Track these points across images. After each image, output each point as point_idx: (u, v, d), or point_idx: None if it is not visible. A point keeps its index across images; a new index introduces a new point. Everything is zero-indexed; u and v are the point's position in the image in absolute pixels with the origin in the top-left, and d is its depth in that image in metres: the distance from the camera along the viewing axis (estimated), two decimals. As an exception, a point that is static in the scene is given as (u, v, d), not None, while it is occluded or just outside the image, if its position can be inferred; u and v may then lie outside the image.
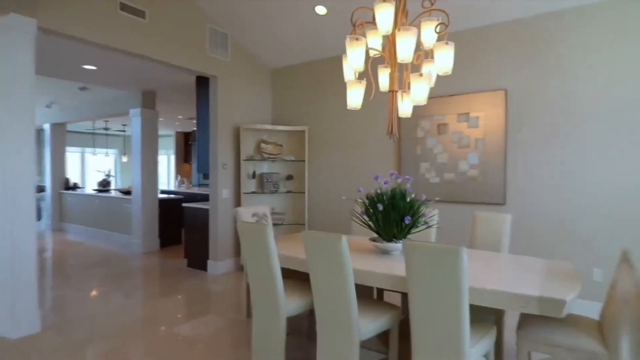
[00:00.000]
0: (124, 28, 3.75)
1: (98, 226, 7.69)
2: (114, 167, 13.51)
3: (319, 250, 2.13)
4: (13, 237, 3.02)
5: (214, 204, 4.89)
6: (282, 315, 2.49)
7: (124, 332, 3.16)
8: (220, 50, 4.79)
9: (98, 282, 4.61)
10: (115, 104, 6.98)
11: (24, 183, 3.08)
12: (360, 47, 2.52)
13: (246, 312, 3.46)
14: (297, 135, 5.31)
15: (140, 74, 5.22)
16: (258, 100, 5.41)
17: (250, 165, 5.21)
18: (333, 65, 4.96)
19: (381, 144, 4.57)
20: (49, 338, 3.04)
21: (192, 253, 5.27)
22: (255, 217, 3.59)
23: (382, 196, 2.64)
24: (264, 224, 2.41)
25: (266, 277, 2.48)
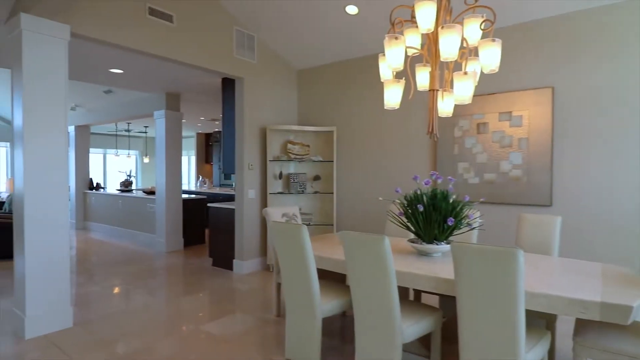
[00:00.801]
0: (152, 32, 3.78)
1: (122, 225, 7.80)
2: (135, 167, 13.72)
3: (360, 251, 2.09)
4: (47, 237, 3.07)
5: (240, 204, 4.89)
6: (318, 316, 2.46)
7: (153, 329, 3.18)
8: (247, 52, 4.80)
9: (124, 279, 4.66)
10: (139, 106, 7.07)
11: (57, 184, 3.13)
12: (400, 46, 2.48)
13: (276, 312, 3.44)
14: (325, 135, 5.28)
15: (165, 76, 5.27)
16: (284, 101, 5.41)
17: (276, 165, 5.21)
18: (362, 65, 4.92)
19: (414, 143, 4.50)
20: (81, 334, 3.07)
21: (218, 252, 5.29)
22: (285, 217, 3.58)
23: (422, 197, 2.59)
24: (299, 224, 2.39)
25: (301, 278, 2.46)
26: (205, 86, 5.88)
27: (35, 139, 2.99)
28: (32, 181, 2.98)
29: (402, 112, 4.56)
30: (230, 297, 4.02)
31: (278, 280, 3.39)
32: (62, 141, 3.13)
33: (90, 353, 2.77)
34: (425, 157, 4.40)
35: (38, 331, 3.02)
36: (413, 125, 4.49)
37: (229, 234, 5.10)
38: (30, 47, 2.93)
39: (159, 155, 6.45)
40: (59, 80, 3.10)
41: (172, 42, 3.96)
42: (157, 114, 6.45)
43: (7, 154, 10.59)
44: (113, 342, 2.95)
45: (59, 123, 3.11)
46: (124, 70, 4.93)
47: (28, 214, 2.96)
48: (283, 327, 3.22)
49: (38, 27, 2.94)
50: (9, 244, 5.68)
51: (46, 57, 3.02)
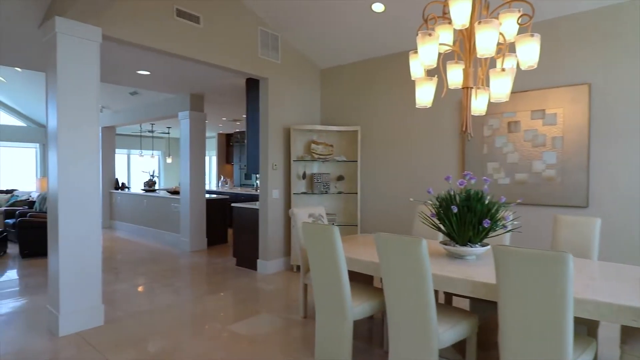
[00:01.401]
0: (180, 33, 3.81)
1: (146, 224, 7.94)
2: (157, 167, 13.97)
3: (395, 253, 2.04)
4: (80, 235, 3.13)
5: (264, 204, 4.90)
6: (349, 318, 2.42)
7: (182, 328, 3.20)
8: (271, 52, 4.80)
9: (150, 278, 4.73)
10: (163, 107, 7.18)
11: (90, 185, 3.19)
12: (433, 43, 2.41)
13: (303, 313, 3.42)
14: (348, 135, 5.24)
15: (190, 77, 5.32)
16: (307, 100, 5.39)
17: (300, 165, 5.19)
18: (387, 64, 4.86)
19: (441, 143, 4.40)
20: (112, 332, 3.12)
21: (241, 252, 5.31)
22: (312, 218, 3.55)
23: (454, 198, 2.52)
24: (331, 225, 2.35)
25: (332, 279, 2.42)
26: (229, 87, 5.92)
27: (69, 140, 3.05)
28: (66, 181, 3.05)
29: (429, 111, 4.47)
30: (255, 297, 4.02)
31: (305, 281, 3.36)
32: (94, 142, 3.19)
33: (122, 351, 2.80)
34: (452, 156, 4.30)
35: (71, 329, 3.09)
36: (440, 124, 4.40)
37: (252, 233, 5.11)
38: (65, 50, 2.99)
39: (183, 155, 6.53)
40: (92, 82, 3.16)
41: (199, 43, 3.99)
42: (181, 115, 6.53)
43: (36, 154, 10.94)
44: (143, 340, 2.99)
45: (92, 124, 3.17)
46: (150, 71, 5.00)
47: (62, 213, 3.02)
48: (311, 329, 3.20)
49: (72, 30, 3.00)
50: (42, 242, 5.85)
51: (79, 60, 3.08)
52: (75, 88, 3.07)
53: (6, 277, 4.77)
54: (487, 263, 2.42)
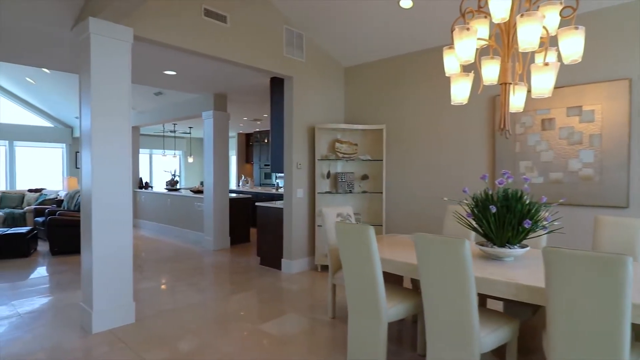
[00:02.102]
0: (207, 33, 3.83)
1: (170, 223, 8.05)
2: (178, 167, 14.17)
3: (436, 254, 1.98)
4: (112, 233, 3.17)
5: (289, 204, 4.88)
6: (384, 320, 2.37)
7: (212, 327, 3.21)
8: (296, 51, 4.78)
9: (176, 276, 4.77)
10: (187, 106, 7.25)
11: (122, 184, 3.22)
12: (471, 38, 2.34)
13: (332, 313, 3.38)
14: (373, 133, 5.18)
15: (215, 77, 5.35)
16: (331, 99, 5.35)
17: (324, 165, 5.16)
18: (414, 61, 4.77)
19: (471, 141, 4.30)
20: (143, 329, 3.15)
21: (265, 251, 5.31)
22: (340, 217, 3.51)
23: (492, 197, 2.44)
24: (366, 224, 2.30)
25: (366, 280, 2.38)
26: (252, 86, 5.93)
27: (102, 140, 3.09)
28: (99, 181, 3.09)
29: (458, 109, 4.37)
30: (282, 297, 4.01)
31: (333, 282, 3.32)
32: (126, 142, 3.23)
33: (154, 349, 2.82)
34: (482, 155, 4.19)
35: (104, 326, 3.13)
36: (469, 121, 4.29)
37: (277, 233, 5.10)
38: (98, 51, 3.03)
39: (207, 154, 6.58)
40: (124, 82, 3.20)
41: (226, 42, 3.99)
42: (205, 115, 6.58)
43: (63, 154, 11.23)
44: (174, 338, 3.00)
45: (124, 124, 3.21)
46: (176, 71, 5.05)
47: (95, 212, 3.07)
48: (340, 330, 3.16)
49: (104, 30, 3.04)
50: (71, 239, 5.99)
51: (112, 60, 3.11)
52: (108, 88, 3.11)
53: (37, 274, 4.89)
54: (526, 265, 2.33)
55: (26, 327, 3.20)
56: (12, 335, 3.05)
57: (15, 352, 2.78)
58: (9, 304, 3.78)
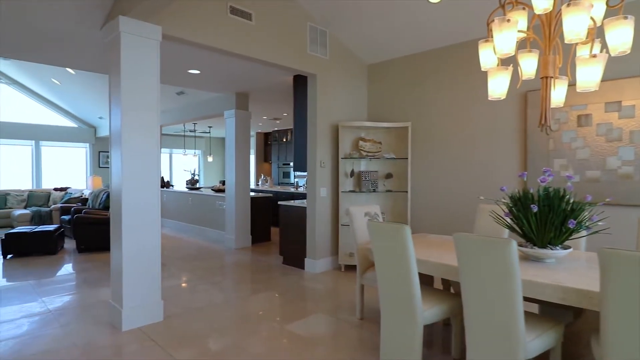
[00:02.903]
0: (233, 31, 3.81)
1: (191, 222, 8.12)
2: (198, 166, 14.31)
3: (479, 255, 1.90)
4: (141, 232, 3.18)
5: (312, 203, 4.84)
6: (419, 322, 2.30)
7: (239, 326, 3.19)
8: (320, 48, 4.73)
9: (200, 275, 4.78)
10: (209, 106, 7.28)
11: (150, 183, 3.23)
12: (511, 30, 2.25)
13: (360, 314, 3.32)
14: (397, 131, 5.09)
15: (237, 76, 5.34)
16: (354, 97, 5.29)
17: (348, 163, 5.09)
18: (440, 57, 4.67)
19: (501, 138, 4.17)
20: (172, 328, 3.15)
21: (288, 250, 5.29)
22: (367, 217, 3.45)
23: (532, 197, 2.34)
24: (402, 224, 2.24)
25: (401, 281, 2.31)
26: (274, 85, 5.91)
27: (132, 140, 3.10)
28: (129, 180, 3.10)
29: (487, 105, 4.25)
30: (308, 296, 3.97)
31: (362, 282, 3.26)
32: (155, 141, 3.23)
33: (183, 348, 2.82)
34: (513, 152, 4.06)
35: (133, 323, 3.14)
36: (500, 118, 4.17)
37: (299, 232, 5.07)
38: (128, 49, 3.04)
39: (228, 153, 6.60)
40: (152, 81, 3.20)
41: (251, 40, 3.97)
42: (227, 114, 6.60)
43: (86, 154, 11.46)
44: (203, 337, 2.99)
45: (152, 123, 3.22)
46: (200, 70, 5.06)
47: (125, 211, 3.08)
48: (369, 331, 3.10)
49: (134, 29, 3.05)
50: (97, 237, 6.08)
51: (141, 59, 3.12)
52: (138, 87, 3.12)
53: (65, 271, 4.98)
54: (568, 267, 2.23)
55: (57, 324, 3.24)
56: (45, 332, 3.09)
57: (49, 348, 2.81)
58: (39, 300, 3.84)
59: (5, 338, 2.97)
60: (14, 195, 9.08)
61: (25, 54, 4.30)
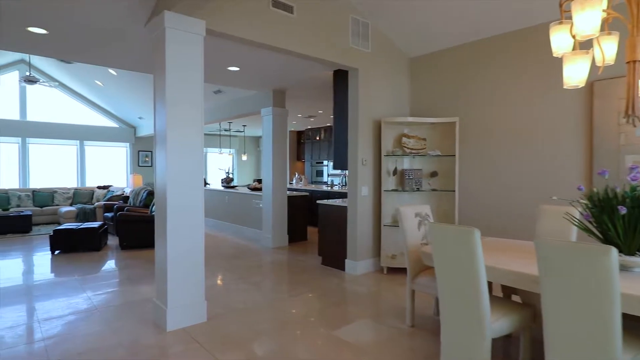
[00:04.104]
0: (275, 24, 3.70)
1: (228, 220, 8.14)
2: (232, 165, 14.46)
3: (566, 264, 1.67)
4: (186, 232, 3.12)
5: (353, 202, 4.67)
6: (487, 335, 2.08)
7: (283, 329, 3.07)
8: (362, 41, 4.55)
9: (239, 274, 4.72)
10: (246, 104, 7.26)
11: (195, 182, 3.17)
12: (595, 9, 1.99)
13: (410, 321, 3.12)
14: (442, 127, 4.83)
15: (276, 72, 5.24)
16: (396, 92, 5.06)
17: (390, 161, 4.88)
18: (490, 47, 4.37)
19: (562, 133, 3.84)
20: (216, 329, 3.07)
21: (327, 251, 5.14)
22: (418, 217, 3.24)
23: (618, 197, 2.07)
24: (471, 227, 2.03)
25: (467, 289, 2.10)
26: (312, 80, 5.77)
27: (176, 138, 3.04)
28: (174, 179, 3.04)
29: (546, 97, 3.93)
30: (352, 300, 3.80)
31: (413, 287, 3.07)
32: (199, 139, 3.17)
33: (229, 351, 2.73)
34: (576, 148, 3.72)
35: (178, 324, 3.09)
36: (561, 111, 3.84)
37: (339, 232, 4.91)
38: (173, 44, 2.99)
39: (265, 151, 6.53)
40: (197, 77, 3.13)
41: (292, 33, 3.85)
42: (264, 111, 6.54)
43: (126, 153, 11.81)
44: (247, 340, 2.89)
45: (197, 121, 3.15)
46: (240, 67, 5.00)
47: (170, 209, 3.03)
48: (421, 339, 2.90)
49: (179, 23, 2.99)
50: (139, 234, 6.18)
51: (186, 54, 3.06)
52: (182, 84, 3.06)
53: (109, 268, 5.06)
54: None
55: (104, 322, 3.25)
56: (92, 329, 3.09)
57: (96, 346, 2.79)
58: (85, 296, 3.89)
59: (54, 335, 2.99)
60: (61, 193, 9.45)
61: (73, 55, 4.37)
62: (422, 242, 3.18)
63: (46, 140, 10.13)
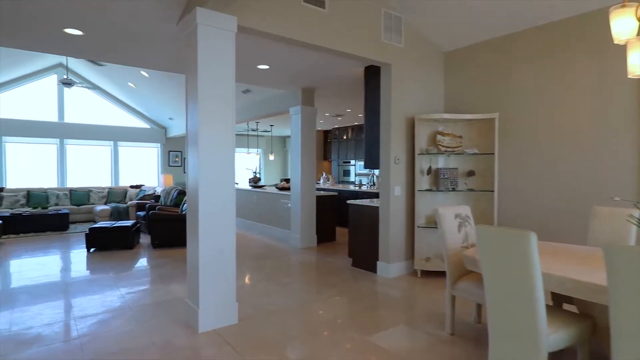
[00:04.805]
0: (306, 20, 3.60)
1: (255, 219, 8.14)
2: (258, 165, 14.54)
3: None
4: (218, 232, 3.07)
5: (386, 202, 4.52)
6: (543, 349, 1.90)
7: (317, 334, 2.96)
8: (394, 36, 4.40)
9: (268, 274, 4.66)
10: (274, 103, 7.21)
11: (227, 182, 3.11)
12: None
13: (450, 329, 2.95)
14: (480, 124, 4.60)
15: (305, 70, 5.15)
16: (430, 87, 4.87)
17: (424, 159, 4.70)
18: (532, 38, 4.12)
19: (613, 130, 3.56)
20: (247, 332, 3.00)
21: (358, 252, 5.01)
22: (458, 219, 3.06)
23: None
24: (526, 230, 1.86)
25: (520, 298, 1.92)
26: (341, 78, 5.65)
27: (208, 137, 3.00)
28: (206, 179, 3.00)
29: (594, 91, 3.65)
30: (386, 304, 3.66)
31: (453, 293, 2.90)
32: (230, 139, 3.11)
33: (261, 354, 2.65)
34: (630, 147, 3.42)
35: (209, 325, 3.05)
36: (612, 106, 3.55)
37: (371, 233, 4.77)
38: (205, 41, 2.94)
39: (294, 150, 6.47)
40: (228, 75, 3.08)
41: (324, 29, 3.74)
42: (292, 110, 6.47)
43: (157, 153, 12.06)
44: (280, 345, 2.81)
45: (228, 121, 3.09)
46: (269, 65, 4.94)
47: (202, 211, 2.99)
48: (461, 348, 2.73)
49: (211, 20, 2.94)
50: (170, 233, 6.24)
51: (217, 51, 3.01)
52: (215, 81, 3.01)
53: (141, 266, 5.12)
54: None
55: (137, 321, 3.25)
56: (125, 328, 3.10)
57: (129, 346, 2.78)
58: (119, 294, 3.93)
59: (89, 333, 3.01)
60: (96, 192, 9.75)
61: (107, 56, 4.44)
62: (463, 245, 3.01)
63: (82, 141, 10.48)
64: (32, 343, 2.83)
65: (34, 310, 3.50)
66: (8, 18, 3.34)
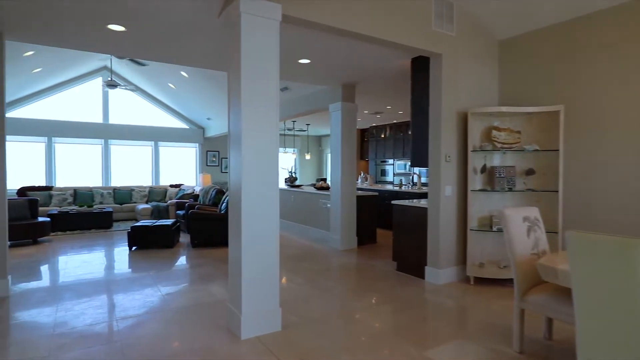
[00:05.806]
0: (351, 7, 3.37)
1: (293, 220, 7.98)
2: (294, 164, 14.45)
3: None
4: (261, 235, 2.90)
5: (435, 203, 4.20)
6: (653, 381, 1.56)
7: (368, 346, 2.72)
8: (446, 24, 4.08)
9: (310, 278, 4.46)
10: (313, 100, 7.02)
11: (270, 183, 2.93)
12: None
13: (519, 347, 2.62)
14: (540, 118, 4.19)
15: (347, 64, 4.91)
16: (483, 79, 4.50)
17: (477, 157, 4.34)
18: (602, 22, 3.67)
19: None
20: (292, 340, 2.80)
21: (403, 256, 4.71)
22: (527, 223, 2.72)
23: None
24: (636, 238, 1.53)
25: (625, 319, 1.60)
26: (384, 72, 5.36)
27: (252, 135, 2.84)
28: (249, 180, 2.84)
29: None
30: (439, 314, 3.36)
31: (522, 306, 2.56)
32: (274, 137, 2.93)
33: (308, 368, 2.44)
34: None
35: (252, 332, 2.88)
36: None
37: (418, 236, 4.46)
38: (248, 31, 2.78)
39: (333, 149, 6.24)
40: (272, 68, 2.90)
41: (370, 17, 3.50)
42: (332, 107, 6.25)
43: (196, 153, 12.21)
44: (328, 357, 2.59)
45: (272, 118, 2.92)
46: (311, 59, 4.74)
47: (245, 213, 2.83)
48: (536, 371, 2.40)
49: (254, 8, 2.78)
50: (209, 233, 6.20)
51: (261, 42, 2.84)
52: (258, 75, 2.84)
53: (181, 266, 5.07)
54: None
55: (175, 324, 3.13)
56: (166, 331, 2.99)
57: (171, 352, 2.66)
58: (160, 295, 3.85)
59: (130, 335, 2.92)
60: (138, 191, 9.97)
61: (149, 53, 4.40)
62: (533, 252, 2.66)
63: (125, 142, 10.76)
64: (75, 345, 2.77)
65: (77, 309, 3.48)
66: (55, 17, 3.33)
